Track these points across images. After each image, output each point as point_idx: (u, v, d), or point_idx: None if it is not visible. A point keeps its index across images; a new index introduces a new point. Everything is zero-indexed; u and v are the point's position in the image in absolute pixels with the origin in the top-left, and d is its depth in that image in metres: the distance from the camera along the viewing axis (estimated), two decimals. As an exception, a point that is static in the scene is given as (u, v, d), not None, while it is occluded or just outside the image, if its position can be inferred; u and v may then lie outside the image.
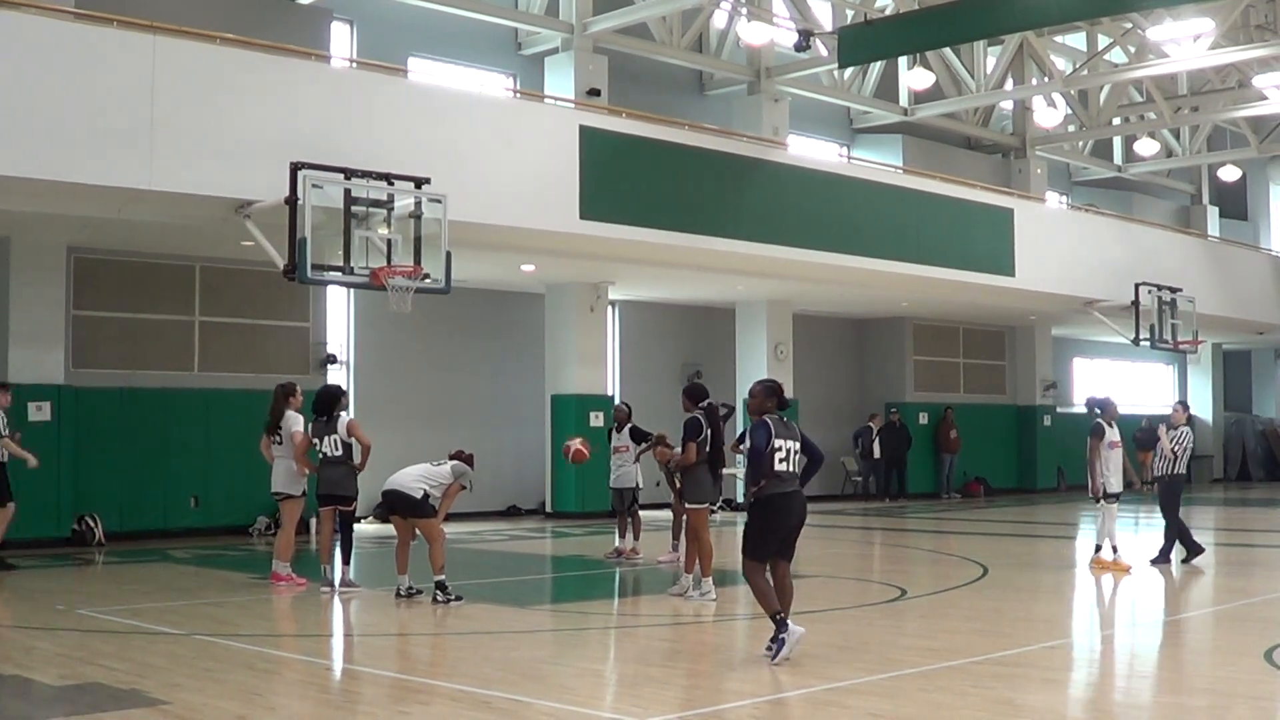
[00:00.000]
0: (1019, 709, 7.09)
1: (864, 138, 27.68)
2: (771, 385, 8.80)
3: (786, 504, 8.46)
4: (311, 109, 14.72)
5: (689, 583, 11.54)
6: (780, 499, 8.43)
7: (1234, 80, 27.43)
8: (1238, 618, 10.94)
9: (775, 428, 8.49)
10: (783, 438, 8.47)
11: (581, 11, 20.57)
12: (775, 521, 8.44)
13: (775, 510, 8.44)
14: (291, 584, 12.34)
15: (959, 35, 20.34)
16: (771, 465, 8.37)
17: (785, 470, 8.44)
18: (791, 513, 8.48)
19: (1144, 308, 24.12)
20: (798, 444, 8.56)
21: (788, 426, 8.62)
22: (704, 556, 11.34)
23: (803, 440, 8.63)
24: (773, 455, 8.39)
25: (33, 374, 16.25)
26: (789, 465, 8.48)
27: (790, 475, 8.48)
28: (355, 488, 12.29)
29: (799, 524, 8.57)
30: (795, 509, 8.51)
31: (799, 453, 8.55)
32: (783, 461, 8.43)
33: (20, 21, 12.97)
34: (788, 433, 8.55)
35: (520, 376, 22.41)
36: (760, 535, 8.46)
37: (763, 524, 8.46)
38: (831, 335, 28.15)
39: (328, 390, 12.54)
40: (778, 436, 8.46)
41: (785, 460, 8.45)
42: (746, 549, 8.49)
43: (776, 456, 8.40)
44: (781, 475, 8.42)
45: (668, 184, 18.41)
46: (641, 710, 7.22)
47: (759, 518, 8.49)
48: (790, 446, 8.48)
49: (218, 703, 7.14)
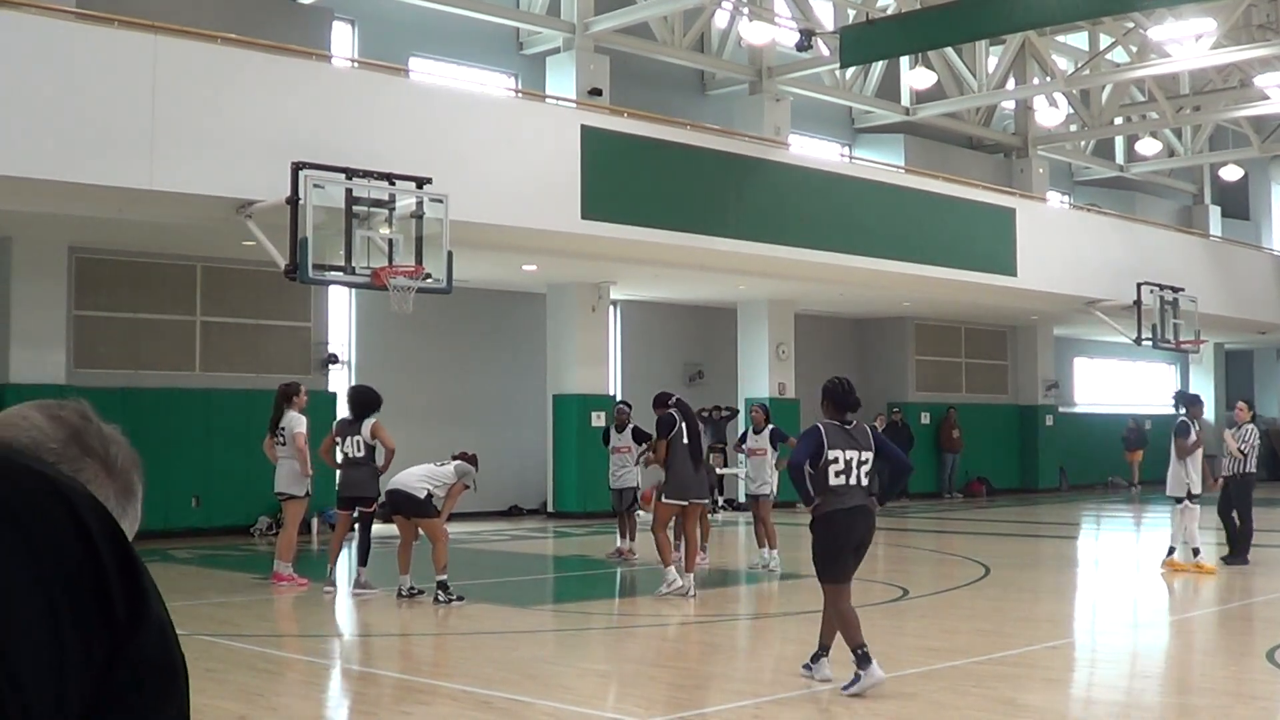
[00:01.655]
0: (1021, 709, 7.09)
1: (865, 137, 27.66)
2: (829, 386, 7.80)
3: (849, 521, 7.50)
4: (313, 109, 14.71)
5: (690, 582, 11.57)
6: (842, 515, 7.47)
7: (1236, 80, 27.39)
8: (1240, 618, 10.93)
9: (830, 436, 7.51)
10: (841, 447, 7.49)
11: (583, 11, 20.56)
12: (840, 537, 7.52)
13: (838, 527, 7.50)
14: (293, 584, 12.34)
15: (961, 35, 20.32)
16: (825, 480, 7.45)
17: (844, 484, 7.47)
18: (856, 528, 7.54)
19: (1146, 307, 24.10)
20: (866, 453, 7.56)
21: (851, 435, 7.58)
22: (661, 549, 11.48)
23: (879, 446, 7.65)
24: (826, 468, 7.45)
25: (34, 374, 16.25)
26: (850, 478, 7.48)
27: (853, 489, 7.51)
28: (377, 489, 12.25)
29: (866, 542, 7.66)
30: (860, 524, 7.54)
31: (867, 463, 7.55)
32: (840, 474, 7.46)
33: (20, 21, 12.96)
34: (850, 441, 7.54)
35: (522, 376, 22.41)
36: (829, 556, 7.57)
37: (828, 544, 7.58)
38: (833, 335, 28.14)
39: (364, 392, 12.44)
40: (833, 447, 7.48)
41: (844, 473, 7.46)
42: (821, 572, 7.62)
43: (832, 469, 7.45)
44: (839, 490, 7.47)
45: (669, 184, 18.40)
46: (642, 710, 7.22)
47: (820, 537, 7.61)
48: (853, 457, 7.49)
49: (219, 703, 7.14)
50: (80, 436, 1.31)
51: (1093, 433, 31.79)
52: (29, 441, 1.28)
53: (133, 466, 1.36)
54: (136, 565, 1.14)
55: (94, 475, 1.30)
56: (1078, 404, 33.35)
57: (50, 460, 1.26)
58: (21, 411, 1.32)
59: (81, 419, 1.33)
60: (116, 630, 1.10)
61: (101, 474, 1.32)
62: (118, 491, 1.33)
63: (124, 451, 1.35)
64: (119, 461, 1.34)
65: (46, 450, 1.28)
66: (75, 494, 1.14)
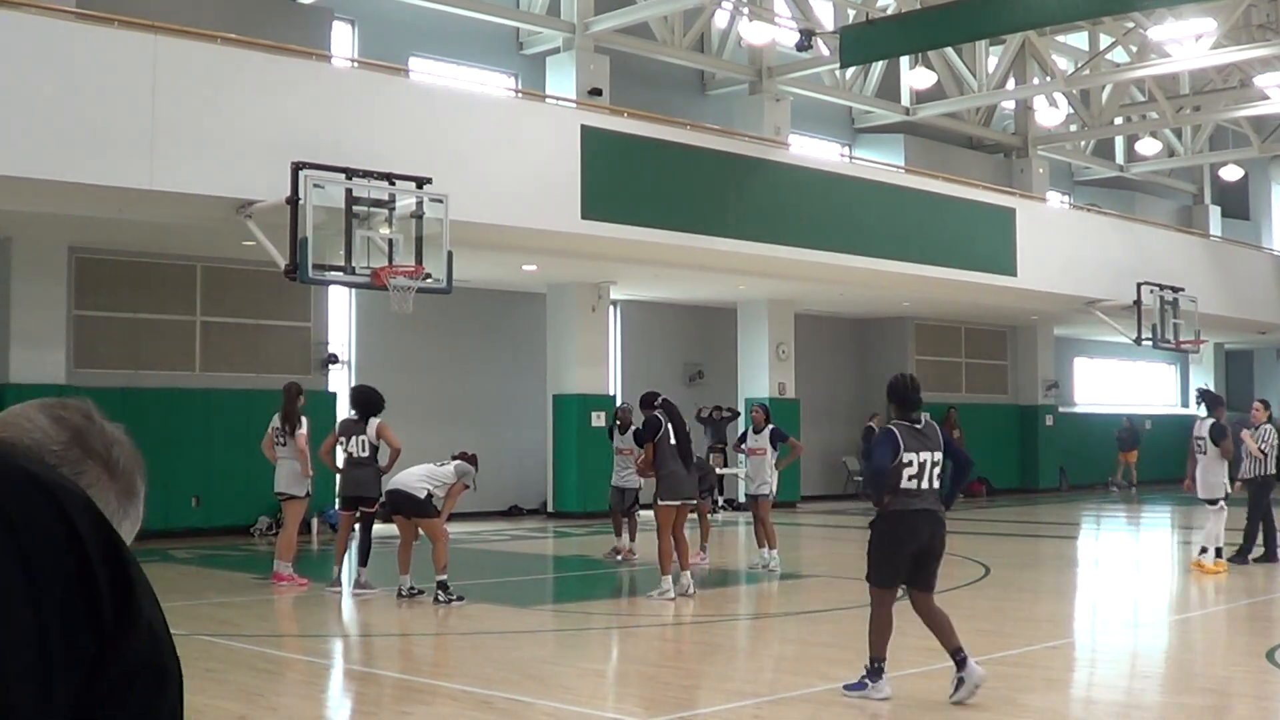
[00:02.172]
0: (1021, 708, 7.09)
1: (865, 137, 27.65)
2: (893, 383, 7.52)
3: (913, 523, 7.21)
4: (313, 109, 14.70)
5: (689, 582, 11.58)
6: (907, 517, 7.20)
7: (1236, 80, 27.39)
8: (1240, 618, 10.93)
9: (904, 438, 7.20)
10: (915, 449, 7.20)
11: (583, 11, 20.55)
12: (900, 542, 7.23)
13: (899, 529, 7.23)
14: (293, 584, 12.34)
15: (961, 35, 20.32)
16: (897, 482, 7.17)
17: (915, 488, 7.20)
18: (919, 533, 7.23)
19: (1146, 307, 24.10)
20: (937, 454, 7.29)
21: (923, 435, 7.30)
22: (663, 556, 11.45)
23: (947, 446, 7.38)
24: (899, 470, 7.16)
25: (34, 374, 16.25)
26: (922, 481, 7.21)
27: (924, 492, 7.24)
28: (379, 490, 12.23)
29: (932, 548, 7.33)
30: (924, 529, 7.24)
31: (938, 464, 7.28)
32: (913, 478, 7.18)
33: (21, 21, 12.96)
34: (923, 442, 7.26)
35: (522, 376, 22.40)
36: (883, 557, 7.28)
37: (884, 544, 7.27)
38: (833, 335, 28.14)
39: (368, 392, 12.42)
40: (908, 449, 7.18)
41: (917, 476, 7.20)
42: (870, 573, 7.35)
43: (905, 473, 7.17)
44: (909, 492, 7.20)
45: (669, 184, 18.40)
46: (642, 710, 7.21)
47: (880, 536, 7.31)
48: (925, 459, 7.22)
49: (220, 703, 7.14)
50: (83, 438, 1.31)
51: (1093, 433, 31.79)
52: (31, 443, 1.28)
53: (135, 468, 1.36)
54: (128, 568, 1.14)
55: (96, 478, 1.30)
56: (1078, 404, 33.34)
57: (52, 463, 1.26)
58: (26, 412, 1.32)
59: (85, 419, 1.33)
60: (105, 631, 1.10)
61: (104, 476, 1.32)
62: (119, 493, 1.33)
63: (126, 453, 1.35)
64: (121, 463, 1.34)
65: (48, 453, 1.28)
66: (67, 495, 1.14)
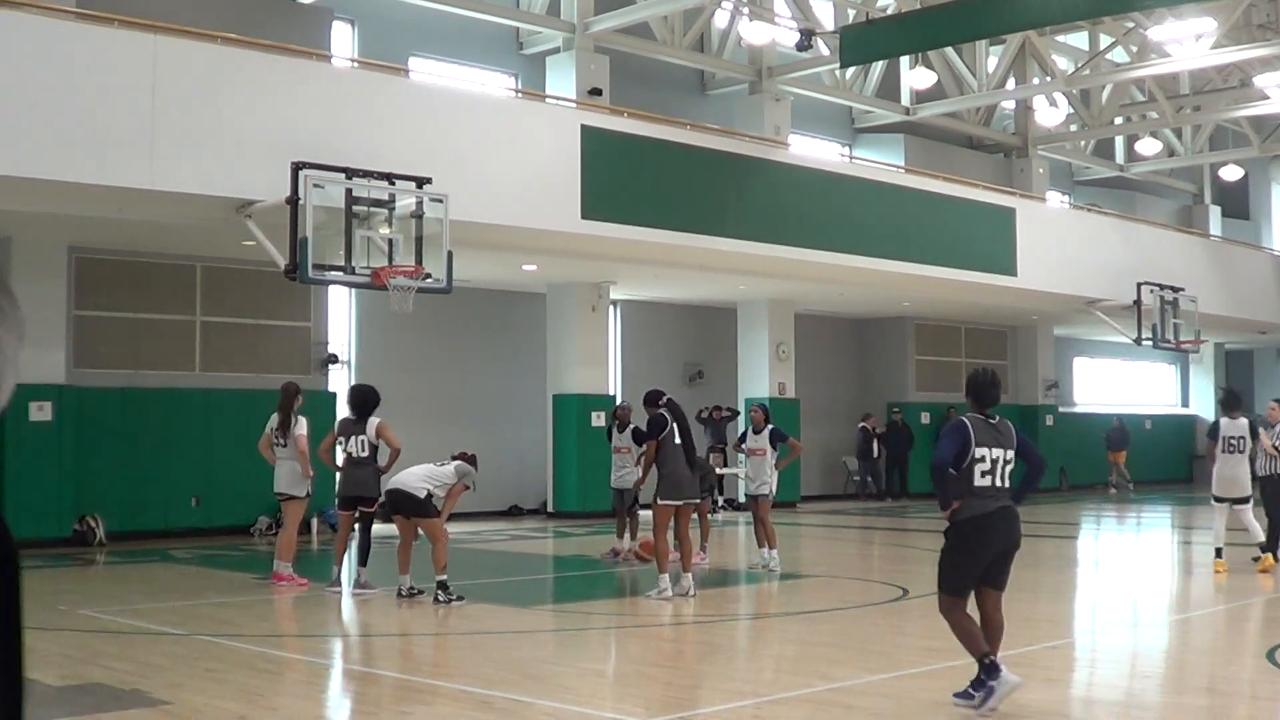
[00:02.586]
0: (1021, 708, 7.08)
1: (866, 137, 27.66)
2: (972, 376, 7.15)
3: (988, 526, 6.84)
4: (313, 109, 14.71)
5: (689, 583, 11.57)
6: (982, 521, 6.82)
7: (1236, 80, 27.40)
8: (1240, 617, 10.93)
9: (977, 432, 6.86)
10: (987, 444, 6.86)
11: (583, 11, 20.56)
12: (975, 548, 6.88)
13: (975, 535, 6.85)
14: (293, 584, 12.34)
15: (961, 35, 20.32)
16: (969, 481, 6.81)
17: (989, 485, 6.84)
18: (995, 536, 6.87)
19: (1146, 307, 24.11)
20: (1010, 451, 6.94)
21: (997, 430, 6.96)
22: (659, 555, 11.44)
23: (1020, 444, 7.04)
24: (971, 467, 6.82)
25: (34, 374, 16.23)
26: (996, 479, 6.86)
27: (997, 490, 6.88)
28: (379, 489, 12.21)
29: (1009, 548, 6.97)
30: (1001, 531, 6.88)
31: (1010, 462, 6.94)
32: (986, 475, 6.83)
33: (21, 21, 12.97)
34: (996, 438, 6.91)
35: (522, 376, 22.41)
36: (956, 565, 6.93)
37: (960, 551, 6.91)
38: (833, 335, 28.15)
39: (365, 391, 12.40)
40: (980, 444, 6.83)
41: (990, 473, 6.84)
42: (941, 580, 6.99)
43: (978, 469, 6.81)
44: (983, 492, 6.83)
45: (669, 184, 18.40)
46: (642, 710, 7.21)
47: (954, 544, 6.93)
48: (998, 455, 6.87)
49: (219, 703, 7.14)
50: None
51: (1093, 433, 31.78)
52: None
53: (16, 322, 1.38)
54: None
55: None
56: (1078, 404, 33.34)
57: None
58: None
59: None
60: None
61: None
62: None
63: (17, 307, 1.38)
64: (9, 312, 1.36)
65: None
66: None
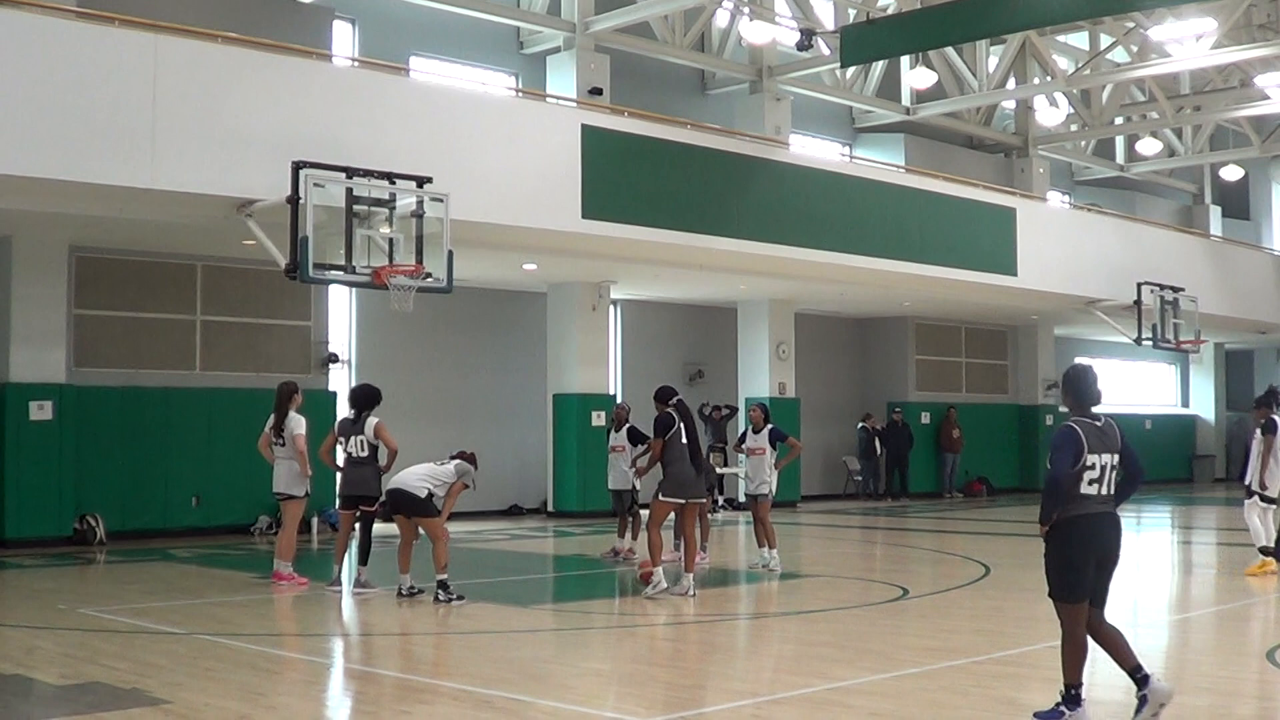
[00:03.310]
0: (1021, 708, 7.08)
1: (866, 137, 27.66)
2: (1070, 375, 6.64)
3: (1093, 526, 6.40)
4: (313, 108, 14.70)
5: (688, 582, 11.58)
6: (1087, 520, 6.39)
7: (1236, 80, 27.41)
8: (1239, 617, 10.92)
9: (1088, 438, 6.39)
10: (1097, 450, 6.39)
11: (583, 10, 20.56)
12: (1083, 546, 6.41)
13: (1081, 532, 6.39)
14: (293, 583, 12.34)
15: (961, 34, 20.31)
16: (1076, 488, 6.37)
17: (1096, 494, 6.39)
18: (1103, 536, 6.43)
19: (1146, 307, 24.10)
20: (1115, 456, 6.47)
21: (1105, 433, 6.47)
22: (652, 548, 11.44)
23: (1124, 449, 6.52)
24: (1080, 475, 6.36)
25: (34, 373, 16.26)
26: (1102, 486, 6.40)
27: (1103, 499, 6.42)
28: (379, 489, 12.19)
29: (1112, 555, 6.52)
30: (1107, 532, 6.45)
31: (1115, 468, 6.47)
32: (1094, 482, 6.38)
33: (21, 21, 12.96)
34: (1104, 442, 6.44)
35: (522, 376, 22.41)
36: (1067, 567, 6.43)
37: (1066, 551, 6.43)
38: (833, 335, 28.15)
39: (366, 390, 12.40)
40: (1091, 451, 6.37)
41: (1098, 480, 6.39)
42: (1054, 589, 6.52)
43: (1087, 476, 6.37)
44: (1088, 500, 6.39)
45: (670, 183, 18.39)
46: (643, 710, 7.22)
47: (1059, 544, 6.45)
48: (1106, 461, 6.41)
49: (219, 702, 7.14)
50: None
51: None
52: None
53: None
54: None
55: None
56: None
57: None
58: None
59: None
60: None
61: None
62: None
63: None
64: None
65: None
66: None
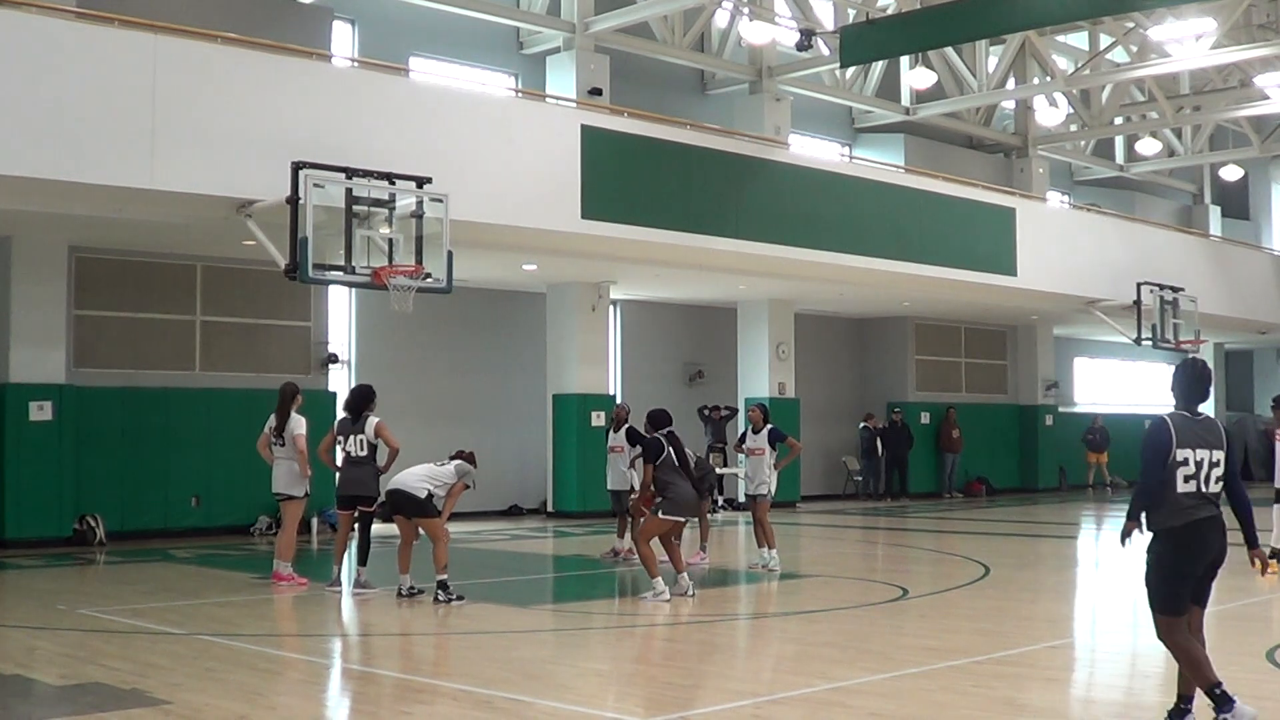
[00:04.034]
0: (1021, 708, 7.09)
1: (866, 137, 27.67)
2: (1180, 370, 6.34)
3: (1201, 534, 6.07)
4: (313, 108, 14.70)
5: (688, 583, 11.61)
6: (1190, 529, 6.05)
7: (1236, 80, 27.42)
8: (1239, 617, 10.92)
9: (1180, 432, 6.10)
10: (1191, 445, 6.09)
11: (583, 11, 20.57)
12: (1186, 559, 6.09)
13: (1188, 543, 6.06)
14: (293, 584, 12.34)
15: (961, 35, 20.32)
16: (1172, 486, 6.04)
17: (1194, 491, 6.05)
18: (1209, 545, 6.10)
19: (1146, 307, 24.10)
20: (1218, 453, 6.15)
21: (1204, 428, 6.18)
22: (645, 560, 11.48)
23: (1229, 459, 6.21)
24: (1173, 471, 6.05)
25: (34, 373, 16.25)
26: (1200, 484, 6.07)
27: (1202, 497, 6.08)
28: (378, 489, 12.21)
29: (1218, 560, 6.18)
30: (1213, 540, 6.11)
31: (1218, 465, 6.14)
32: (1190, 480, 6.05)
33: (21, 21, 12.96)
34: (1203, 438, 6.14)
35: (521, 376, 22.40)
36: (1168, 580, 6.11)
37: (1170, 563, 6.09)
38: (833, 335, 28.14)
39: (361, 390, 12.44)
40: (1183, 445, 6.07)
41: (1195, 478, 6.06)
42: (1153, 600, 6.17)
43: (1181, 473, 6.04)
44: (1186, 499, 6.05)
45: (669, 183, 18.40)
46: (643, 710, 7.22)
47: (1161, 557, 6.12)
48: (1204, 457, 6.09)
49: (219, 702, 7.14)
50: None
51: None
52: None
53: None
54: None
55: None
56: (1078, 404, 33.33)
57: None
58: None
59: None
60: None
61: None
62: None
63: None
64: None
65: None
66: None
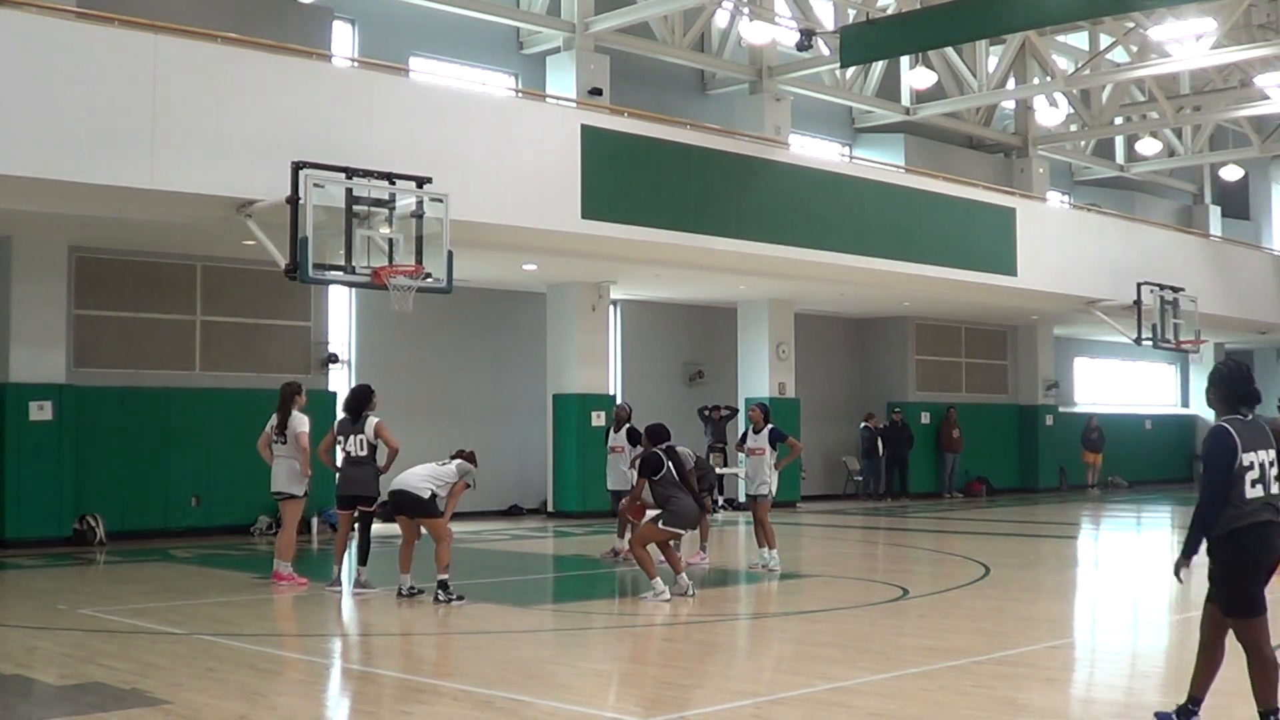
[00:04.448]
0: (1021, 709, 7.09)
1: (866, 137, 27.66)
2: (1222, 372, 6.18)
3: (1263, 535, 5.97)
4: (313, 108, 14.71)
5: (688, 583, 11.62)
6: (1256, 530, 5.94)
7: (1236, 80, 27.42)
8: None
9: (1242, 436, 5.95)
10: (1253, 448, 5.96)
11: (583, 11, 20.56)
12: (1258, 556, 5.98)
13: (1250, 543, 5.95)
14: (293, 583, 12.35)
15: (961, 34, 20.32)
16: (1240, 492, 5.91)
17: (1261, 495, 5.95)
18: (1269, 545, 5.99)
19: (1146, 307, 24.11)
20: (1270, 452, 6.02)
21: (1259, 430, 6.06)
22: (642, 563, 11.56)
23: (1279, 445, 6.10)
24: (1241, 477, 5.91)
25: (34, 373, 16.25)
26: (1266, 486, 5.96)
27: (1267, 502, 5.97)
28: (378, 489, 12.23)
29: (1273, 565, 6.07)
30: (1274, 540, 6.01)
31: (1273, 464, 6.02)
32: (1256, 484, 5.93)
33: (21, 21, 12.96)
34: (1258, 439, 6.01)
35: (522, 376, 22.40)
36: (1243, 579, 5.98)
37: (1238, 565, 5.97)
38: (833, 335, 28.14)
39: (360, 390, 12.47)
40: (1247, 449, 5.93)
41: (1261, 481, 5.95)
42: (1233, 605, 6.03)
43: (1248, 477, 5.92)
44: (1253, 505, 5.94)
45: (669, 183, 18.40)
46: (642, 710, 7.22)
47: (1233, 558, 5.97)
48: (1263, 458, 5.97)
49: (219, 702, 7.14)
50: None
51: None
52: None
53: None
54: None
55: None
56: (1078, 404, 33.33)
57: None
58: None
59: None
60: None
61: None
62: None
63: None
64: None
65: None
66: None
